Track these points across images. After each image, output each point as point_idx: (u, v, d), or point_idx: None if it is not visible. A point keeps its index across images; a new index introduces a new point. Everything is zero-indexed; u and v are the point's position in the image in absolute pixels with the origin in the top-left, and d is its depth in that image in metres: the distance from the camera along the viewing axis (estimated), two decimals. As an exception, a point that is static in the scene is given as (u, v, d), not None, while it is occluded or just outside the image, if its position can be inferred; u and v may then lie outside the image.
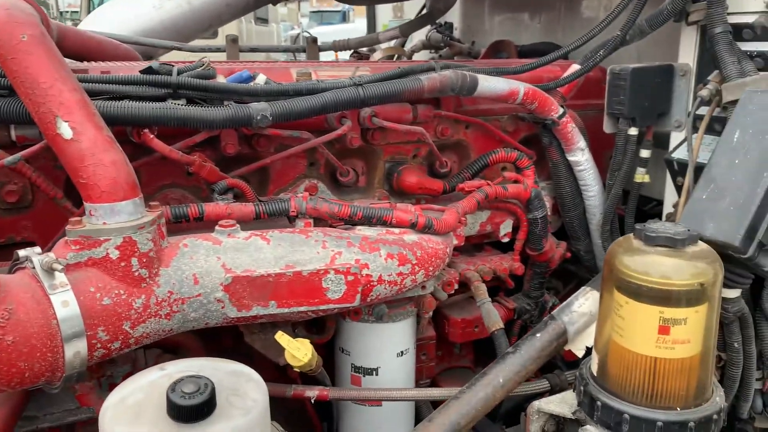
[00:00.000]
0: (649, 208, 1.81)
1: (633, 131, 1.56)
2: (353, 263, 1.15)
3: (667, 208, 1.61)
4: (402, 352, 1.46)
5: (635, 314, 1.10)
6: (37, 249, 0.96)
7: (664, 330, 1.08)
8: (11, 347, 0.86)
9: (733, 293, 1.25)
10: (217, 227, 1.15)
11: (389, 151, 1.56)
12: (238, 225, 1.16)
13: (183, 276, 1.06)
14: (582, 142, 1.65)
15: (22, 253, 0.95)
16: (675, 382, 1.10)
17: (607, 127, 1.61)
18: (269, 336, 1.24)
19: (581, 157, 1.66)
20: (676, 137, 1.61)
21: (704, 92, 1.43)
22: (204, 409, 0.82)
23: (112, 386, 1.19)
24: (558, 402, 1.29)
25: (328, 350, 1.49)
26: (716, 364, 1.32)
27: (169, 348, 1.32)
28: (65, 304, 0.92)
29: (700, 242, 1.11)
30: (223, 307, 1.09)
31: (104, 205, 0.97)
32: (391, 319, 1.41)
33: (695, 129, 1.48)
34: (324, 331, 1.43)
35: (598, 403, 1.14)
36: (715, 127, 1.44)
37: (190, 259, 1.08)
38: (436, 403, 1.36)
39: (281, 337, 1.07)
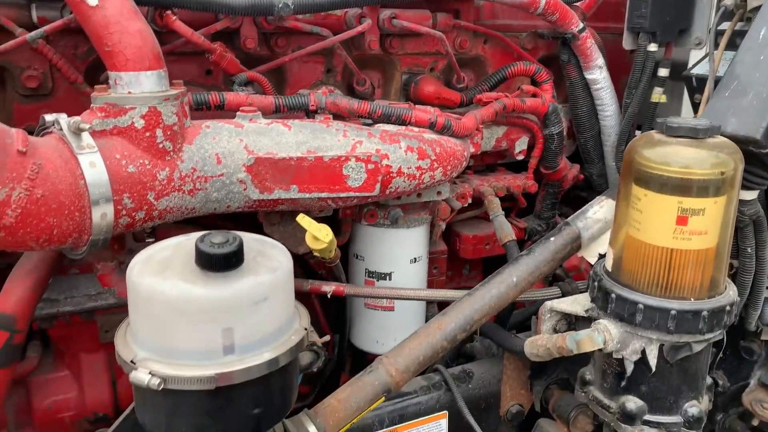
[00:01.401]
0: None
1: (653, 47, 1.55)
2: (374, 152, 1.16)
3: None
4: (415, 258, 1.48)
5: (653, 206, 1.10)
6: (63, 114, 0.96)
7: (681, 221, 1.09)
8: (41, 201, 0.87)
9: (750, 195, 1.25)
10: (238, 113, 1.15)
11: (406, 62, 1.55)
12: (259, 112, 1.16)
13: (206, 155, 1.07)
14: (600, 60, 1.64)
15: (48, 117, 0.96)
16: (690, 273, 1.11)
17: (627, 43, 1.60)
18: (288, 228, 1.25)
19: (599, 75, 1.65)
20: (694, 56, 1.61)
21: (728, 1, 1.41)
22: (233, 259, 0.83)
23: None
24: (570, 302, 1.31)
25: (343, 258, 1.50)
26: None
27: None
28: (92, 165, 0.92)
29: (720, 136, 1.11)
30: (245, 189, 1.10)
31: (129, 73, 0.97)
32: (405, 224, 1.42)
33: (716, 46, 1.47)
34: (339, 234, 1.44)
35: (612, 295, 1.15)
36: (737, 41, 1.43)
37: (212, 140, 1.08)
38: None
39: (303, 218, 1.08)
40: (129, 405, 1.40)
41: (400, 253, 1.45)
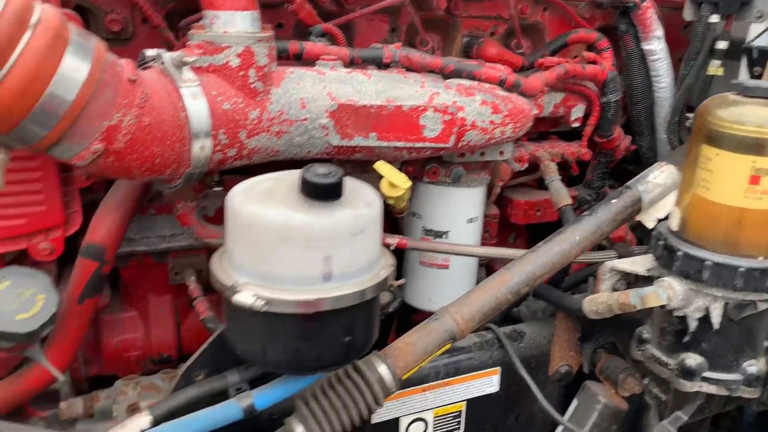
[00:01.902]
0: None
1: (714, 18, 1.56)
2: (450, 104, 1.18)
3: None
4: (471, 219, 1.50)
5: (725, 165, 1.12)
6: (163, 50, 0.99)
7: (754, 180, 1.11)
8: (147, 129, 0.90)
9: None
10: (318, 61, 1.18)
11: (468, 25, 1.57)
12: (339, 60, 1.18)
13: (291, 99, 1.09)
14: (660, 31, 1.65)
15: (149, 52, 0.98)
16: (760, 232, 1.13)
17: (688, 14, 1.61)
18: (360, 177, 1.27)
19: (657, 46, 1.66)
20: (754, 30, 1.61)
21: (797, -28, 1.42)
22: (336, 189, 0.86)
23: (205, 218, 1.24)
24: (631, 263, 1.33)
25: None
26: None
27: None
28: (194, 98, 0.95)
29: (796, 98, 1.13)
30: (326, 134, 1.12)
31: (226, 12, 1.00)
32: (466, 183, 1.44)
33: (778, 18, 1.49)
34: (400, 192, 1.46)
35: (679, 253, 1.17)
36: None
37: (297, 85, 1.11)
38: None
39: (382, 165, 1.10)
40: (192, 347, 1.46)
41: (458, 213, 1.48)
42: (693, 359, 1.20)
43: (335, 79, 1.14)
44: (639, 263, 1.32)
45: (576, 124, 1.69)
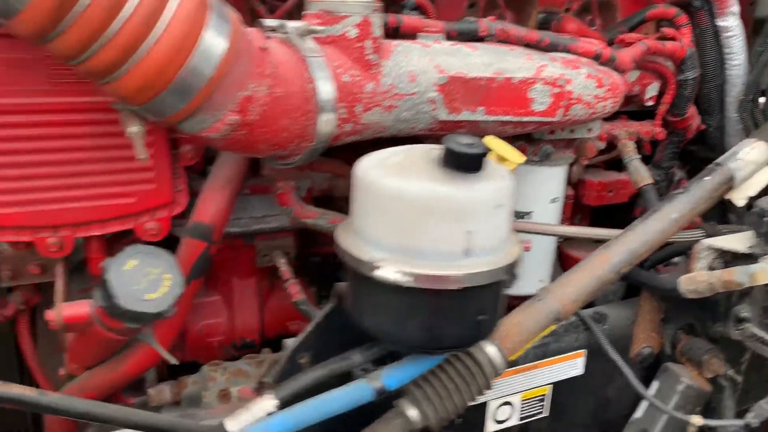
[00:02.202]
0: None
1: (795, -7, 1.53)
2: (558, 76, 1.15)
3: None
4: (554, 199, 1.47)
5: (842, 138, 1.10)
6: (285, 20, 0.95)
7: None
8: (278, 100, 0.86)
9: None
10: (420, 34, 1.14)
11: (543, 1, 1.53)
12: (442, 33, 1.15)
13: (401, 72, 1.06)
14: (735, 6, 1.61)
15: (269, 22, 0.95)
16: None
17: (768, -12, 1.57)
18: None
19: (732, 23, 1.63)
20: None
21: None
22: (480, 161, 0.83)
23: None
24: (728, 240, 1.31)
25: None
26: None
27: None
28: (321, 69, 0.92)
29: None
30: (434, 109, 1.09)
31: (343, -20, 0.96)
32: (552, 162, 1.41)
33: None
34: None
35: (790, 229, 1.15)
36: None
37: (405, 57, 1.07)
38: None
39: (492, 140, 1.07)
40: (274, 331, 1.43)
41: (542, 192, 1.45)
42: (801, 337, 1.18)
43: (442, 51, 1.11)
44: (737, 241, 1.30)
45: (650, 103, 1.66)
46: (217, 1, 0.80)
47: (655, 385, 1.52)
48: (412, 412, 0.97)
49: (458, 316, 0.88)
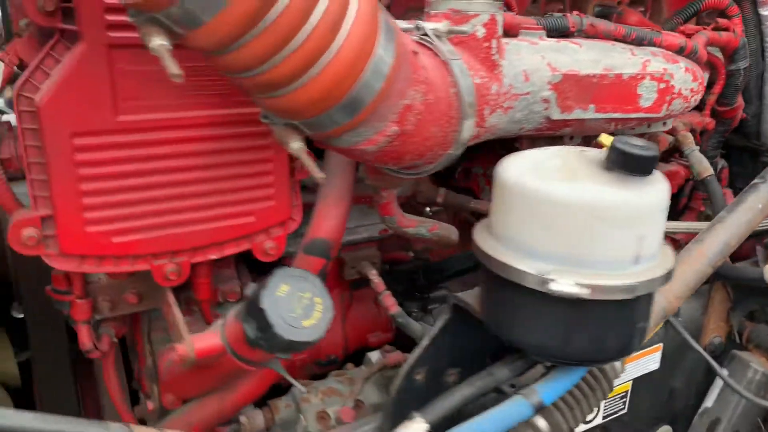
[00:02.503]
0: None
1: (839, -19, 1.56)
2: (662, 71, 1.13)
3: None
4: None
5: None
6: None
7: None
8: (430, 108, 0.81)
9: None
10: (523, 31, 1.10)
11: (600, -5, 1.52)
12: (543, 30, 1.11)
13: (516, 71, 1.02)
14: (779, -5, 1.64)
15: (402, 23, 0.89)
16: None
17: (811, -23, 1.60)
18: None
19: (775, 12, 1.65)
20: None
21: None
22: (654, 162, 0.80)
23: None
24: (809, 228, 1.32)
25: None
26: None
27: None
28: (462, 72, 0.87)
29: None
30: (546, 108, 1.05)
31: (471, -22, 0.91)
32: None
33: None
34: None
35: None
36: None
37: (517, 56, 1.03)
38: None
39: (606, 137, 1.04)
40: (355, 345, 1.37)
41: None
42: None
43: (550, 48, 1.07)
44: (817, 229, 1.31)
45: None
46: (379, 3, 0.74)
47: (724, 373, 1.53)
48: (542, 423, 0.94)
49: (625, 326, 0.85)
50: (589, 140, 1.25)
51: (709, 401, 1.57)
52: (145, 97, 0.79)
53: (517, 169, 0.84)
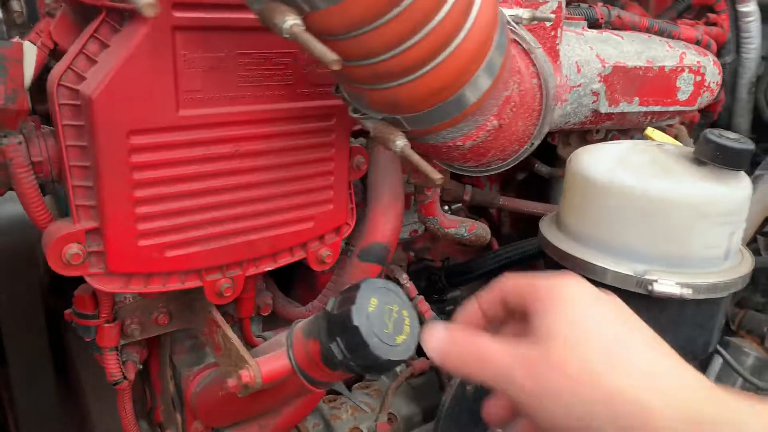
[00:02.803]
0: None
1: (812, -20, 1.63)
2: (696, 64, 1.12)
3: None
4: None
5: None
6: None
7: None
8: (522, 99, 0.75)
9: None
10: (565, 20, 1.06)
11: (598, -12, 1.51)
12: (585, 20, 1.08)
13: (569, 62, 0.98)
14: (757, -8, 1.69)
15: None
16: None
17: (787, -25, 1.67)
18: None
19: (752, 8, 1.70)
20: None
21: None
22: (750, 156, 0.77)
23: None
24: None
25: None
26: None
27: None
28: (545, 62, 0.81)
29: None
30: (595, 101, 1.02)
31: (540, -38, 0.86)
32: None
33: None
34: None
35: None
36: None
37: (567, 46, 0.99)
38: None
39: (653, 132, 1.03)
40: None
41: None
42: None
43: (596, 39, 1.04)
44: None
45: (686, 87, 1.70)
46: None
47: (718, 360, 1.57)
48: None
49: (712, 324, 0.83)
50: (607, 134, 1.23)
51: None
52: (209, 88, 0.68)
53: (604, 166, 0.80)
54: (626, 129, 1.14)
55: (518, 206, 1.21)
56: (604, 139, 1.31)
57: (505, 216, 1.49)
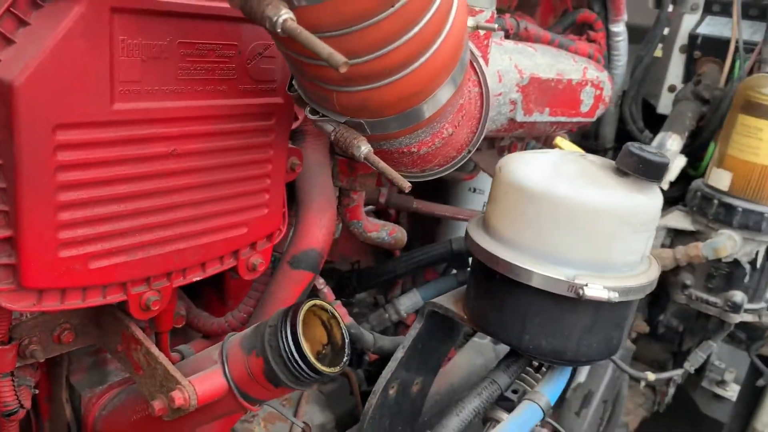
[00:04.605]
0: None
1: (670, 8, 1.83)
2: (595, 78, 1.20)
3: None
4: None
5: (775, 134, 1.37)
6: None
7: (796, 145, 1.38)
8: (469, 106, 0.75)
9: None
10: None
11: None
12: (502, 30, 1.11)
13: (492, 71, 1.00)
14: (625, 15, 1.86)
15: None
16: (798, 186, 1.41)
17: (652, 2, 1.85)
18: (491, 152, 1.22)
19: (621, 28, 1.87)
20: (687, 19, 1.94)
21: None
22: (666, 170, 0.84)
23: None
24: (674, 220, 1.53)
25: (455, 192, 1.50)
26: None
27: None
28: (485, 71, 0.82)
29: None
30: (512, 110, 1.06)
31: (477, -28, 0.87)
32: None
33: (712, 12, 1.84)
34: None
35: (739, 209, 1.40)
36: (750, 12, 1.79)
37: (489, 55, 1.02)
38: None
39: (562, 141, 1.09)
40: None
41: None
42: (739, 295, 1.46)
43: (514, 50, 1.07)
44: (680, 220, 1.53)
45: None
46: None
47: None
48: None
49: (627, 323, 0.89)
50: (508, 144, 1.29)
51: (581, 376, 1.73)
52: (148, 80, 0.60)
53: (540, 175, 0.83)
54: (528, 137, 1.19)
55: (432, 209, 1.23)
56: (507, 147, 1.37)
57: (403, 218, 1.50)
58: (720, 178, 1.47)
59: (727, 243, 1.40)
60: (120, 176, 0.62)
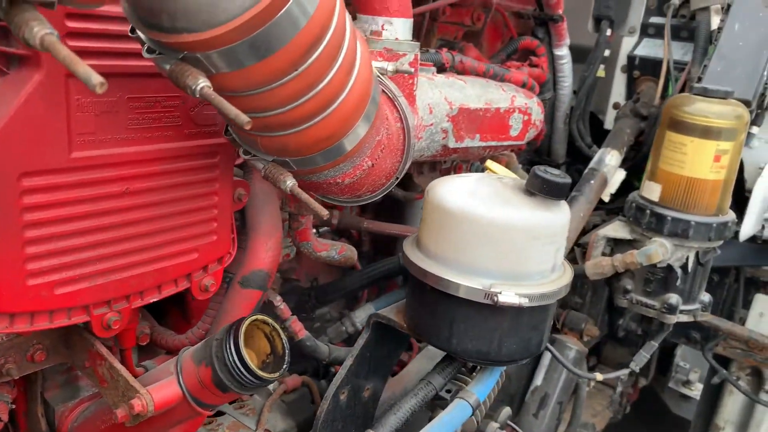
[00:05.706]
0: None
1: (609, 32, 1.97)
2: (524, 105, 1.33)
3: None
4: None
5: (697, 149, 1.50)
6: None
7: (717, 158, 1.50)
8: (389, 141, 0.86)
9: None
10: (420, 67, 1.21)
11: (441, 30, 1.70)
12: (434, 66, 1.23)
13: (423, 104, 1.11)
14: (568, 40, 2.00)
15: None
16: (718, 196, 1.54)
17: (591, 27, 1.99)
18: (434, 174, 1.34)
19: (565, 52, 2.01)
20: (626, 42, 2.08)
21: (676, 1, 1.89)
22: (568, 189, 0.95)
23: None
24: (613, 230, 1.65)
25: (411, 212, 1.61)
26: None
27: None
28: (407, 108, 0.93)
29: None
30: (444, 138, 1.17)
31: (398, 20, 0.98)
32: (475, 175, 1.60)
33: (648, 34, 1.98)
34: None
35: (668, 218, 1.52)
36: (681, 34, 1.93)
37: (421, 90, 1.13)
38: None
39: (492, 164, 1.20)
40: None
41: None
42: (675, 298, 1.57)
43: (444, 84, 1.19)
44: (617, 229, 1.65)
45: (516, 119, 1.95)
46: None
47: (548, 355, 1.83)
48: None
49: (544, 326, 1.00)
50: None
51: (537, 380, 1.84)
52: (101, 130, 0.71)
53: (458, 197, 0.94)
54: (468, 160, 1.30)
55: (381, 228, 1.33)
56: (451, 168, 1.48)
57: (365, 236, 1.61)
58: (652, 190, 1.59)
59: (659, 250, 1.52)
60: (80, 214, 0.72)
